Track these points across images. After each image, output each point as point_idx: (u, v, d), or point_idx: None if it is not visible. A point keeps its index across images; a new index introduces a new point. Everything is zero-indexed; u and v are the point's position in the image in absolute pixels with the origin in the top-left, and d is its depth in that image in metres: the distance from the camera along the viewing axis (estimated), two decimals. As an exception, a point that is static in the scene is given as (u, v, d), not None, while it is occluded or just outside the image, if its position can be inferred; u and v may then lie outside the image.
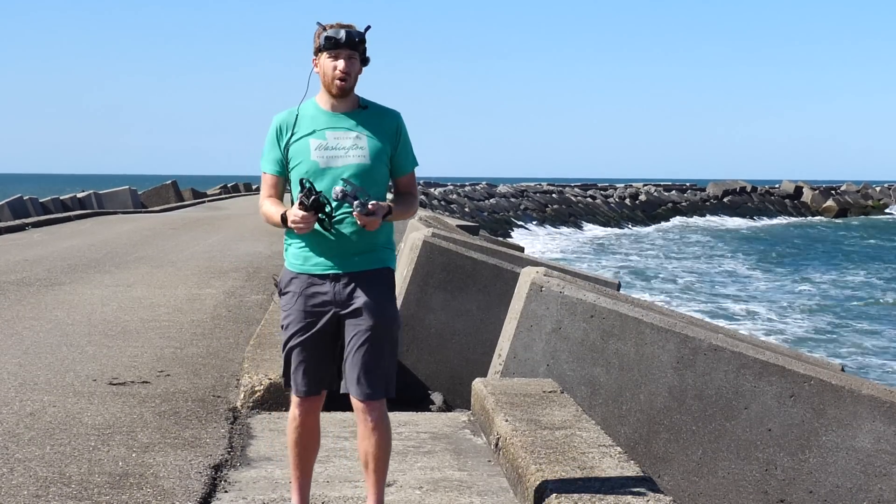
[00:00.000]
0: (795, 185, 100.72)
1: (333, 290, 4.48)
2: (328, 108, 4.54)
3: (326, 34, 4.46)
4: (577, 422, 5.90)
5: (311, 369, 4.53)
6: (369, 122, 4.53)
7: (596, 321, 7.17)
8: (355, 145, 4.48)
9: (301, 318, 4.51)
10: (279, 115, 4.59)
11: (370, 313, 4.45)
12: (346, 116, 4.53)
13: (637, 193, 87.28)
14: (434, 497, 5.30)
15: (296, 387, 4.57)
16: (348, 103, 4.54)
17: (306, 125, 4.52)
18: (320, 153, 4.47)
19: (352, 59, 4.47)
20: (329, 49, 4.46)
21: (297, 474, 4.70)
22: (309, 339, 4.51)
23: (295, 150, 4.50)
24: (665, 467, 7.06)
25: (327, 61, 4.47)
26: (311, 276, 4.50)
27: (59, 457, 5.78)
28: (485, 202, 66.27)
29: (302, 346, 4.52)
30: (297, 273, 4.54)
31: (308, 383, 4.55)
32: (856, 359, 21.50)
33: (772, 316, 28.10)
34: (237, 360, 8.66)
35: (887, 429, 6.93)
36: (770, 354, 7.21)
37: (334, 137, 4.49)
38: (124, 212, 36.24)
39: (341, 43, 4.44)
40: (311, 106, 4.57)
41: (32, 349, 9.06)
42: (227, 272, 15.69)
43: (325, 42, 4.45)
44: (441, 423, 6.92)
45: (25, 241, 21.31)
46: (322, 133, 4.50)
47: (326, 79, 4.49)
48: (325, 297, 4.48)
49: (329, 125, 4.51)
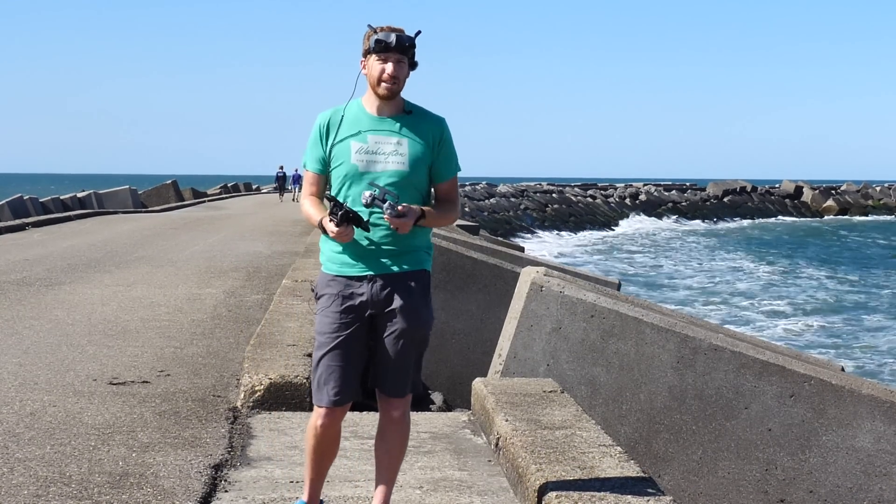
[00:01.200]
0: (795, 184, 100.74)
1: (370, 292, 4.47)
2: (373, 111, 4.53)
3: (377, 37, 4.45)
4: (577, 421, 5.90)
5: (343, 376, 4.47)
6: (412, 128, 4.52)
7: (596, 321, 7.17)
8: (396, 151, 4.47)
9: (337, 320, 4.47)
10: (324, 113, 4.58)
11: (405, 316, 4.46)
12: (391, 120, 4.51)
13: (637, 193, 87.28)
14: (434, 497, 5.30)
15: (326, 395, 4.49)
16: (393, 107, 4.52)
17: (350, 126, 4.51)
18: (360, 156, 4.47)
19: (401, 63, 4.45)
20: (379, 52, 4.44)
21: (311, 476, 4.69)
22: (344, 342, 4.47)
23: (337, 151, 4.50)
24: (665, 467, 7.06)
25: (376, 64, 4.46)
26: (349, 278, 4.49)
27: (60, 456, 5.78)
28: (485, 202, 66.27)
29: (337, 351, 4.47)
30: (333, 276, 4.52)
31: (339, 392, 4.47)
32: (873, 358, 21.52)
33: (781, 313, 28.10)
34: (237, 359, 8.65)
35: (887, 428, 6.93)
36: (770, 354, 7.21)
37: (375, 141, 4.48)
38: (124, 211, 36.25)
39: (391, 46, 4.43)
40: (356, 106, 4.55)
41: (32, 349, 9.06)
42: (228, 272, 15.69)
43: (376, 45, 4.44)
44: (441, 423, 6.91)
45: (25, 241, 21.31)
46: (364, 136, 4.49)
47: (374, 81, 4.47)
48: (361, 298, 4.47)
49: (372, 128, 4.50)
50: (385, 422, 4.62)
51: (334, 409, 4.50)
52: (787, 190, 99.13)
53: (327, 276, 4.54)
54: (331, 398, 4.48)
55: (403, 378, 4.55)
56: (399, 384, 4.55)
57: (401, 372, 4.53)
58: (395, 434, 4.62)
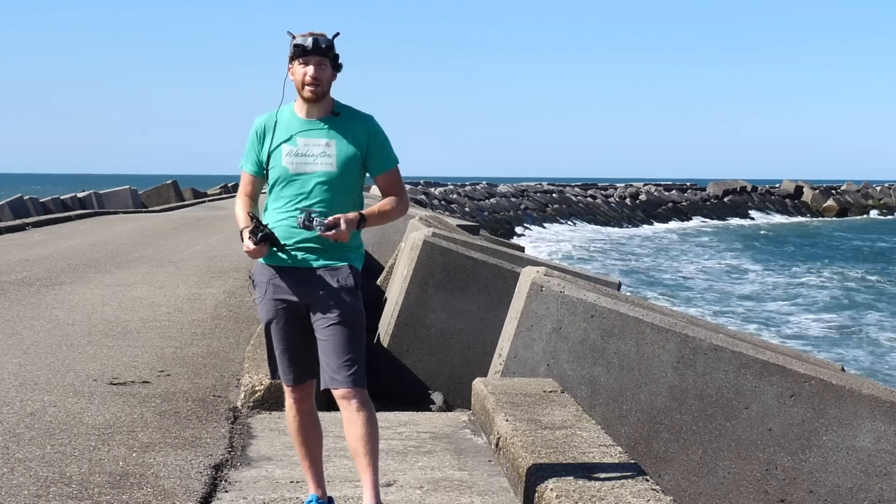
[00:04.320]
0: (796, 184, 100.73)
1: (298, 283, 4.62)
2: (302, 115, 4.69)
3: (295, 42, 4.61)
4: (577, 421, 5.90)
5: (291, 356, 4.70)
6: (340, 128, 4.66)
7: (596, 321, 7.17)
8: (324, 153, 4.62)
9: (273, 307, 4.67)
10: (260, 117, 4.77)
11: (335, 305, 4.58)
12: (319, 122, 4.66)
13: (637, 193, 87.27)
14: (434, 497, 5.30)
15: (283, 376, 4.73)
16: (322, 109, 4.67)
17: (282, 131, 4.68)
18: (291, 159, 4.63)
19: (322, 66, 4.60)
20: (299, 56, 4.60)
21: (306, 463, 4.82)
22: (284, 327, 4.67)
23: (273, 155, 4.67)
24: (665, 467, 7.06)
25: (299, 68, 4.62)
26: (276, 268, 4.65)
27: (60, 456, 5.78)
28: (485, 202, 66.26)
29: (280, 336, 4.69)
30: (264, 264, 4.70)
31: (294, 371, 4.71)
32: (874, 358, 21.52)
33: (785, 314, 28.11)
34: (237, 359, 8.66)
35: (887, 428, 6.93)
36: (770, 354, 7.21)
37: (305, 144, 4.64)
38: (125, 211, 36.24)
39: (309, 50, 4.58)
40: (288, 111, 4.72)
41: (33, 349, 9.06)
42: (228, 272, 15.69)
43: (295, 50, 4.61)
44: (441, 423, 6.92)
45: (25, 241, 21.31)
46: (294, 139, 4.65)
47: (299, 85, 4.63)
48: (289, 288, 4.63)
49: (301, 130, 4.66)
50: (347, 415, 4.59)
51: (297, 386, 4.73)
52: (787, 190, 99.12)
53: (260, 264, 4.73)
54: (290, 377, 4.72)
55: (348, 367, 4.56)
56: (345, 373, 4.56)
57: (344, 361, 4.56)
58: (360, 422, 4.57)
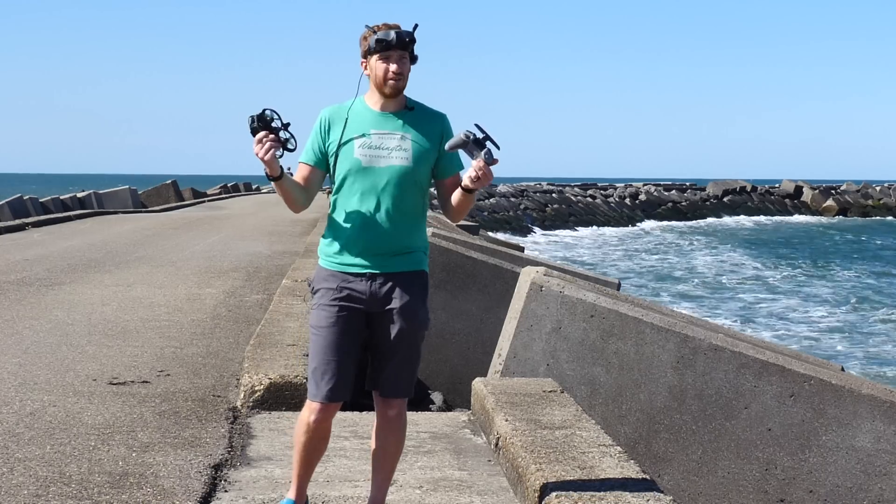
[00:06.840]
0: (795, 184, 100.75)
1: (369, 290, 4.45)
2: (376, 108, 4.54)
3: (377, 37, 4.45)
4: (577, 421, 5.90)
5: (340, 370, 4.44)
6: (415, 124, 4.53)
7: (596, 321, 7.17)
8: (399, 146, 4.48)
9: (334, 314, 4.44)
10: (328, 109, 4.58)
11: (404, 316, 4.44)
12: (394, 116, 4.52)
13: (637, 193, 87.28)
14: (434, 497, 5.30)
15: (320, 391, 4.45)
16: (396, 103, 4.53)
17: (355, 124, 4.51)
18: (363, 151, 4.47)
19: (403, 60, 4.46)
20: (380, 51, 4.45)
21: (299, 472, 4.69)
22: (340, 337, 4.43)
23: (343, 148, 4.49)
24: (665, 467, 7.06)
25: (379, 63, 4.46)
26: (347, 274, 4.47)
27: (59, 456, 5.78)
28: (485, 202, 66.27)
29: (333, 345, 4.43)
30: (331, 271, 4.50)
31: (335, 386, 4.44)
32: (874, 358, 21.52)
33: (790, 315, 28.11)
34: (237, 359, 8.65)
35: (887, 428, 6.93)
36: (770, 354, 7.22)
37: (379, 137, 4.49)
38: (124, 211, 36.23)
39: (392, 44, 4.43)
40: (360, 104, 4.57)
41: (32, 349, 9.06)
42: (227, 272, 15.69)
43: (377, 44, 4.44)
44: (441, 423, 6.91)
45: (25, 241, 21.30)
46: (368, 133, 4.50)
47: (379, 80, 4.47)
48: (359, 295, 4.45)
49: (375, 124, 4.51)
50: (382, 423, 4.60)
51: (328, 404, 4.47)
52: (787, 190, 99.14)
53: (325, 270, 4.52)
54: (325, 393, 4.44)
55: (400, 379, 4.53)
56: (396, 385, 4.53)
57: (398, 373, 4.52)
58: (392, 435, 4.61)
